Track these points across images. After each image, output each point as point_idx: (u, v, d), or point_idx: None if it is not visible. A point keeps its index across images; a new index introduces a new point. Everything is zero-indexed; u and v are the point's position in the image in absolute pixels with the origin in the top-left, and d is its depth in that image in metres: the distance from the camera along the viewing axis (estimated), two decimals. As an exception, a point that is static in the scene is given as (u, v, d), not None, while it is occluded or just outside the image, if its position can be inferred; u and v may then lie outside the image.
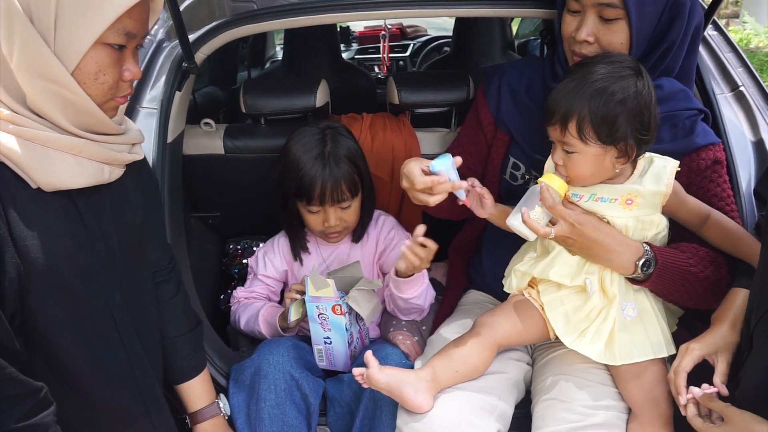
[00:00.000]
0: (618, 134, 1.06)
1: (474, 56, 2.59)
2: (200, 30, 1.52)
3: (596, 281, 1.16)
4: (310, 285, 1.36)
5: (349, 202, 1.45)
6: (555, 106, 1.08)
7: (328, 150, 1.42)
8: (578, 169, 1.10)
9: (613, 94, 1.05)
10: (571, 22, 1.22)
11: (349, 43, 4.60)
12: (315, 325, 1.40)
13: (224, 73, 2.90)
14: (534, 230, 1.10)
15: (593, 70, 1.08)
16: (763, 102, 1.53)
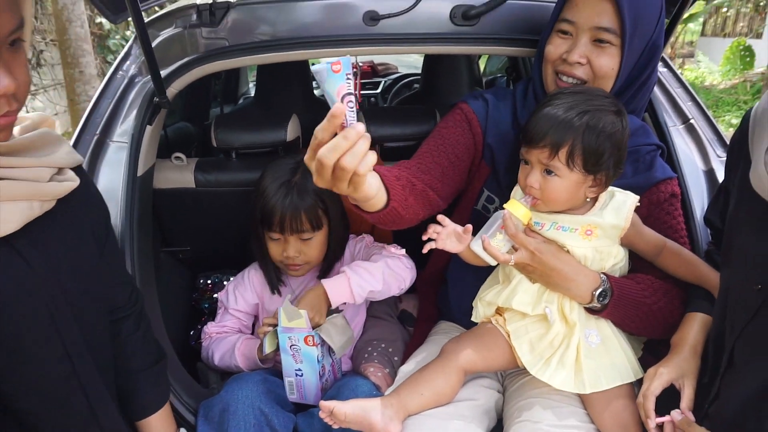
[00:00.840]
0: (601, 166, 1.11)
1: (443, 92, 2.67)
2: (172, 65, 1.54)
3: (556, 309, 1.19)
4: (283, 316, 1.35)
5: (310, 234, 1.44)
6: (546, 130, 1.10)
7: (296, 180, 1.44)
8: (555, 192, 1.13)
9: (604, 128, 1.10)
10: (561, 44, 1.24)
11: (321, 80, 4.67)
12: (287, 356, 1.39)
13: (197, 109, 2.92)
14: (494, 257, 1.13)
15: (581, 100, 1.12)
16: (712, 134, 1.62)
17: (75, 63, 4.86)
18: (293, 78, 2.39)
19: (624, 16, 1.15)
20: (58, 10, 4.70)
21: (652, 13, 1.21)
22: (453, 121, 1.38)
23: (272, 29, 1.53)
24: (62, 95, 5.62)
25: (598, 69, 1.20)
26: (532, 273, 1.17)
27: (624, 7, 1.15)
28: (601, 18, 1.18)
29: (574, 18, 1.20)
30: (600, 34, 1.19)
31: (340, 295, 1.39)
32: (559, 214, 1.19)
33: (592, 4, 1.18)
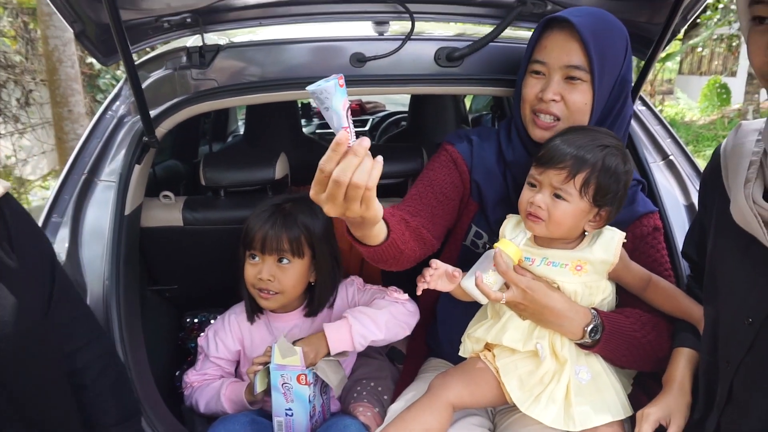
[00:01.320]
0: (609, 201, 1.15)
1: (429, 130, 2.72)
2: (162, 105, 1.56)
3: (547, 345, 1.19)
4: (277, 352, 1.33)
5: (289, 258, 1.41)
6: (567, 153, 1.13)
7: (285, 206, 1.45)
8: (561, 217, 1.14)
9: (618, 166, 1.15)
10: (536, 84, 1.28)
11: (310, 118, 4.75)
12: (278, 394, 1.36)
13: (186, 147, 2.93)
14: (486, 295, 1.13)
15: (600, 136, 1.17)
16: (691, 169, 1.67)
17: (64, 102, 4.89)
18: (282, 116, 2.42)
19: (591, 54, 1.20)
20: (48, 51, 4.76)
21: (618, 50, 1.26)
22: (439, 163, 1.41)
23: (261, 70, 1.56)
24: (50, 134, 5.62)
25: (572, 104, 1.25)
26: (524, 311, 1.17)
27: (590, 45, 1.20)
28: (570, 57, 1.23)
29: (545, 59, 1.26)
30: (570, 71, 1.23)
31: (341, 342, 1.37)
32: (549, 249, 1.20)
33: (560, 45, 1.24)
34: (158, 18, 1.45)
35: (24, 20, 5.54)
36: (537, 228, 1.17)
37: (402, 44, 1.54)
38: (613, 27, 1.26)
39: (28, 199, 5.35)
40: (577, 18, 1.22)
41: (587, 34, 1.20)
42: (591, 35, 1.20)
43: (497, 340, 1.21)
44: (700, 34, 11.27)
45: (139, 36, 1.52)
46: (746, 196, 0.87)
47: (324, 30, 1.68)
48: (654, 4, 1.44)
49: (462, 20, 1.71)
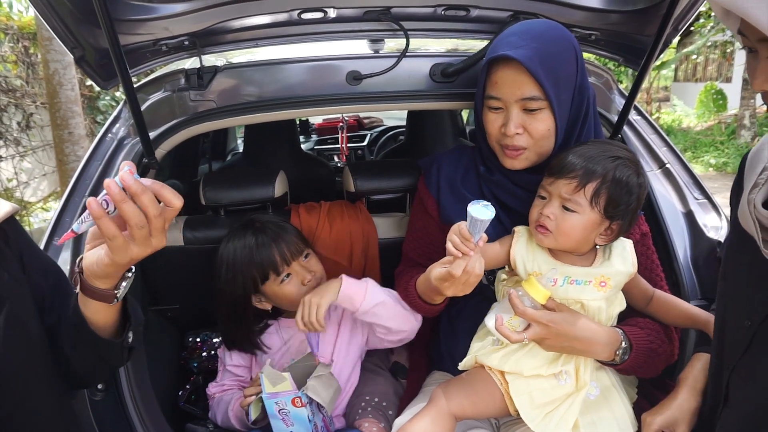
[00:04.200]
0: (620, 212, 1.13)
1: (427, 144, 2.73)
2: (161, 127, 1.58)
3: (572, 370, 1.18)
4: (266, 382, 1.33)
5: (307, 250, 1.50)
6: (578, 163, 1.12)
7: (257, 226, 1.49)
8: (570, 228, 1.13)
9: (630, 177, 1.13)
10: (496, 119, 1.28)
11: (308, 135, 4.77)
12: (277, 421, 1.36)
13: (186, 166, 2.95)
14: (507, 338, 1.12)
15: (614, 148, 1.16)
16: (688, 177, 1.68)
17: (64, 125, 4.92)
18: (281, 135, 2.44)
19: (542, 84, 1.19)
20: (49, 75, 4.80)
21: (569, 62, 1.23)
22: (417, 211, 1.53)
23: (259, 90, 1.58)
24: (51, 156, 5.66)
25: (536, 133, 1.24)
26: (549, 345, 1.15)
27: (540, 76, 1.18)
28: (523, 90, 1.21)
29: (499, 95, 1.25)
30: (527, 104, 1.22)
31: (355, 291, 1.37)
32: (570, 266, 1.18)
33: (510, 80, 1.22)
34: (156, 41, 1.47)
35: (25, 45, 5.60)
36: (546, 240, 1.16)
37: (397, 61, 1.56)
38: (559, 41, 1.23)
39: (30, 221, 5.36)
40: (521, 50, 1.18)
41: (534, 65, 1.17)
42: (539, 65, 1.18)
43: (516, 370, 1.18)
44: (694, 41, 11.36)
45: (138, 59, 1.54)
46: (749, 200, 0.88)
47: (320, 49, 1.70)
48: (646, 16, 1.46)
49: (456, 37, 1.73)
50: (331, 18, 1.53)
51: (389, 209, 1.86)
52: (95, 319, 0.92)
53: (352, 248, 1.77)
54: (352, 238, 1.77)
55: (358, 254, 1.78)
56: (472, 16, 1.56)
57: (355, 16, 1.54)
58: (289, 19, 1.52)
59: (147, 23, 1.37)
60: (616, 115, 1.68)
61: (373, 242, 1.78)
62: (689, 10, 1.41)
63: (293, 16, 1.50)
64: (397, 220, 1.82)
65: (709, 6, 4.06)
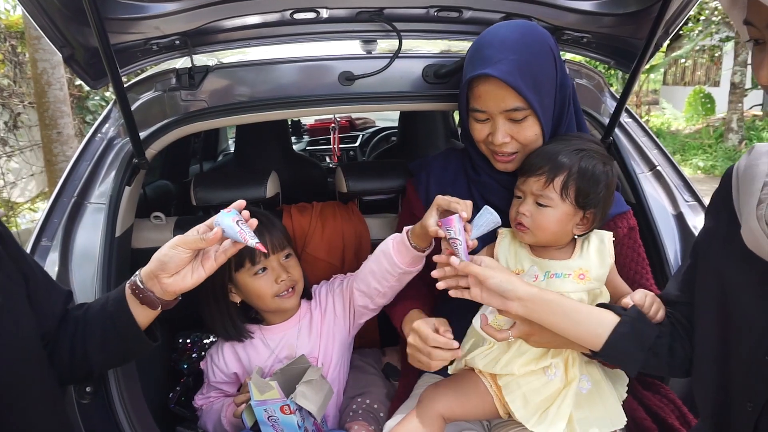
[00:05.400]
0: (591, 201, 1.17)
1: (419, 144, 2.74)
2: (152, 127, 1.57)
3: (561, 363, 1.18)
4: (254, 390, 1.32)
5: (288, 250, 1.47)
6: (543, 160, 1.18)
7: None
8: (545, 222, 1.17)
9: (596, 166, 1.17)
10: (482, 129, 1.29)
11: (300, 135, 4.76)
12: (267, 428, 1.35)
13: (176, 167, 2.93)
14: (492, 337, 1.12)
15: (578, 142, 1.20)
16: (678, 180, 1.69)
17: (53, 124, 4.87)
18: (272, 135, 2.43)
19: (524, 95, 1.20)
20: (37, 74, 4.75)
21: (547, 65, 1.24)
22: (407, 213, 1.51)
23: (251, 90, 1.57)
24: (39, 156, 5.59)
25: (524, 140, 1.26)
26: (537, 340, 1.15)
27: (521, 88, 1.19)
28: (506, 102, 1.22)
29: (483, 107, 1.26)
30: (511, 114, 1.23)
31: None
32: (549, 261, 1.20)
33: (492, 94, 1.22)
34: (147, 41, 1.46)
35: (12, 44, 5.54)
36: (525, 237, 1.20)
37: (390, 62, 1.56)
38: (535, 46, 1.22)
39: (17, 222, 5.30)
40: (499, 65, 1.18)
41: (514, 79, 1.18)
42: (519, 77, 1.18)
43: (507, 371, 1.19)
44: (683, 45, 11.47)
45: (129, 59, 1.52)
46: (758, 217, 0.84)
47: (312, 49, 1.69)
48: (637, 19, 1.47)
49: (449, 38, 1.73)
50: (323, 18, 1.52)
51: (381, 210, 1.86)
52: (143, 323, 1.08)
53: (344, 249, 1.76)
54: (344, 239, 1.77)
55: (351, 255, 1.78)
56: (464, 17, 1.56)
57: (348, 17, 1.54)
58: (282, 19, 1.52)
59: (137, 22, 1.35)
60: (608, 117, 1.69)
61: (365, 243, 1.78)
62: (680, 12, 1.42)
63: (285, 16, 1.49)
64: (390, 221, 1.81)
65: (698, 10, 4.12)
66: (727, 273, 0.94)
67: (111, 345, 1.10)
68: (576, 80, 1.69)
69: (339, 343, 1.53)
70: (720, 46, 11.92)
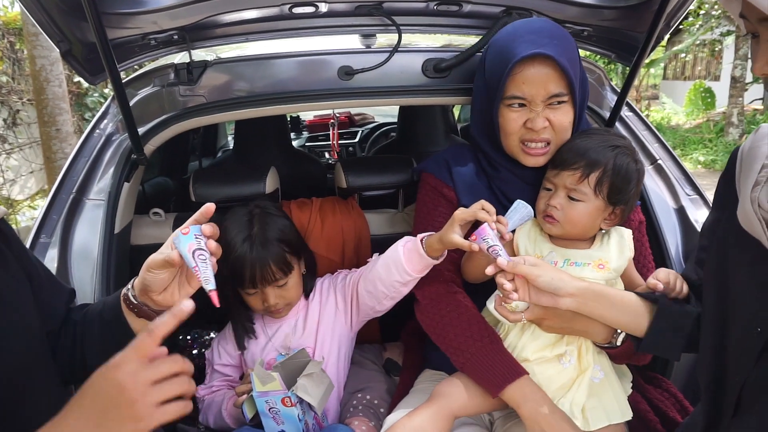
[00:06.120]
0: (622, 198, 1.18)
1: (419, 140, 2.73)
2: (150, 123, 1.56)
3: (575, 351, 1.19)
4: (256, 381, 1.32)
5: (284, 280, 1.43)
6: (581, 155, 1.18)
7: (255, 232, 1.41)
8: (576, 216, 1.18)
9: (630, 164, 1.19)
10: (518, 117, 1.26)
11: (299, 132, 4.75)
12: (267, 420, 1.35)
13: (175, 163, 2.92)
14: (505, 318, 1.14)
15: (613, 138, 1.22)
16: (679, 173, 1.68)
17: (52, 121, 4.86)
18: (271, 131, 2.42)
19: (571, 78, 1.21)
20: (35, 71, 4.74)
21: (577, 56, 1.29)
22: (431, 199, 1.42)
23: (249, 86, 1.56)
24: (38, 153, 5.59)
25: (559, 125, 1.25)
26: (549, 324, 1.15)
27: (568, 70, 1.20)
28: (550, 87, 1.22)
29: (524, 94, 1.24)
30: (552, 100, 1.24)
31: None
32: (570, 249, 1.21)
33: (538, 79, 1.22)
34: (145, 36, 1.45)
35: (10, 40, 5.53)
36: (554, 229, 1.21)
37: (389, 56, 1.55)
38: (567, 38, 1.27)
39: (17, 219, 5.30)
40: (548, 48, 1.20)
41: (564, 61, 1.20)
42: (567, 62, 1.21)
43: (521, 356, 1.20)
44: (683, 40, 11.45)
45: (126, 54, 1.52)
46: (752, 199, 0.85)
47: (311, 44, 1.68)
48: (638, 12, 1.46)
49: (448, 32, 1.72)
50: (322, 12, 1.51)
51: (381, 205, 1.85)
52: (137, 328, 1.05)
53: (344, 245, 1.76)
54: (344, 235, 1.76)
55: (351, 251, 1.77)
56: (464, 11, 1.55)
57: (347, 11, 1.53)
58: (280, 13, 1.50)
59: (135, 17, 1.34)
60: (608, 111, 1.68)
61: (365, 239, 1.77)
62: (681, 5, 1.41)
63: (284, 10, 1.48)
64: (389, 217, 1.81)
65: (698, 4, 4.11)
66: (727, 251, 0.96)
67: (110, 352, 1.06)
68: (576, 74, 1.68)
69: (338, 337, 1.53)
70: (720, 40, 11.89)
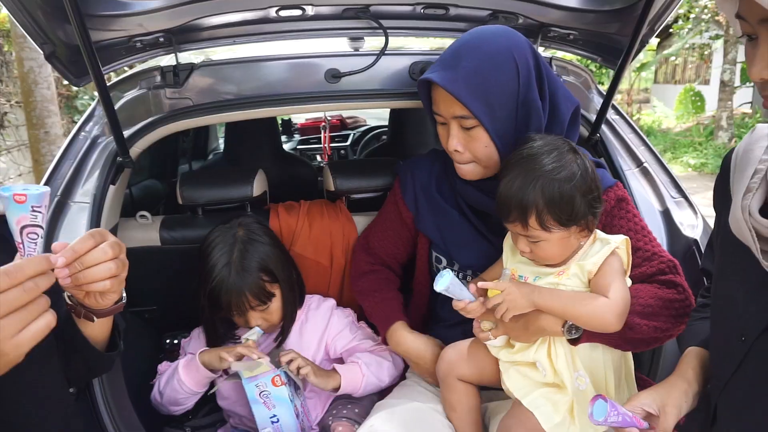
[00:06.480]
0: (576, 216, 1.11)
1: (410, 143, 2.74)
2: (136, 125, 1.55)
3: (544, 358, 1.18)
4: (244, 370, 1.33)
5: (262, 307, 1.43)
6: (509, 204, 1.11)
7: (234, 259, 1.40)
8: (546, 253, 1.15)
9: (562, 180, 1.09)
10: (442, 133, 1.30)
11: (291, 134, 4.74)
12: (258, 406, 1.35)
13: (165, 166, 2.91)
14: (478, 337, 1.21)
15: (536, 162, 1.12)
16: (665, 176, 1.69)
17: (40, 124, 4.83)
18: (261, 133, 2.42)
19: (466, 104, 1.19)
20: (24, 73, 4.71)
21: (504, 78, 1.21)
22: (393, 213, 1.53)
23: (236, 88, 1.56)
24: (26, 156, 5.55)
25: (474, 150, 1.26)
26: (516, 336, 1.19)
27: (463, 98, 1.18)
28: (454, 109, 1.23)
29: (439, 111, 1.27)
30: (461, 121, 1.24)
31: (352, 385, 1.43)
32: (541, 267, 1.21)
33: (442, 99, 1.25)
34: (130, 38, 1.45)
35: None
36: (536, 263, 1.20)
37: (376, 59, 1.55)
38: (495, 56, 1.21)
39: (5, 222, 5.24)
40: (448, 72, 1.20)
41: (457, 87, 1.18)
42: (464, 86, 1.18)
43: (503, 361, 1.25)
44: (673, 43, 11.55)
45: (112, 56, 1.51)
46: (743, 207, 0.82)
47: (298, 47, 1.68)
48: (622, 16, 1.47)
49: (436, 35, 1.73)
50: (309, 15, 1.51)
51: (369, 208, 1.85)
52: (93, 334, 0.99)
53: (332, 248, 1.76)
54: (332, 238, 1.76)
55: (339, 254, 1.77)
56: (451, 14, 1.55)
57: (334, 14, 1.53)
58: (267, 16, 1.51)
59: (120, 19, 1.34)
60: (595, 114, 1.69)
61: (353, 241, 1.77)
62: (665, 10, 1.42)
63: (271, 13, 1.48)
64: (378, 220, 1.81)
65: (687, 8, 4.12)
66: (721, 257, 0.94)
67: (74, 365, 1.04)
68: (562, 77, 1.69)
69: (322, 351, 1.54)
70: (710, 44, 12.00)
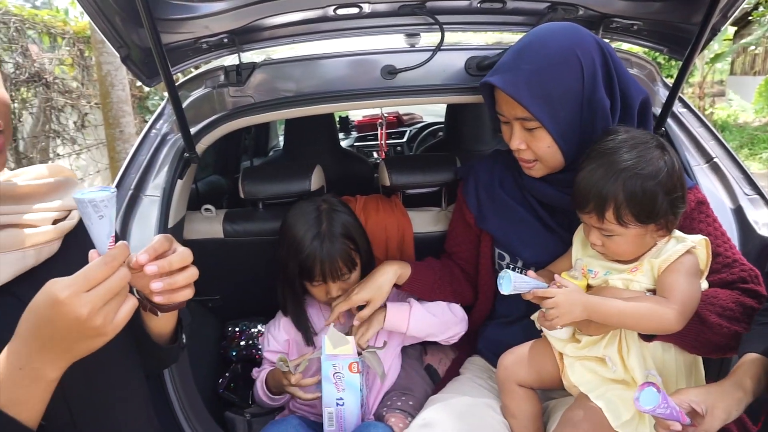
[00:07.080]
0: (655, 215, 1.08)
1: (466, 139, 2.72)
2: (201, 123, 1.63)
3: (615, 354, 1.17)
4: (328, 343, 1.36)
5: (348, 275, 1.48)
6: (587, 194, 1.09)
7: (324, 229, 1.46)
8: (617, 248, 1.13)
9: (646, 176, 1.06)
10: (506, 131, 1.31)
11: (348, 132, 4.81)
12: (329, 385, 1.38)
13: (228, 163, 3.02)
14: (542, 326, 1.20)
15: (619, 156, 1.09)
16: (738, 172, 1.60)
17: (116, 123, 5.13)
18: (319, 130, 2.47)
19: (527, 106, 1.18)
20: (102, 76, 5.01)
21: (566, 79, 1.19)
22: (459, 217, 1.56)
23: (296, 86, 1.61)
24: (104, 153, 5.90)
25: (537, 150, 1.26)
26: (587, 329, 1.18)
27: (523, 100, 1.18)
28: (515, 110, 1.23)
29: (502, 111, 1.28)
30: (524, 123, 1.24)
31: (399, 320, 1.44)
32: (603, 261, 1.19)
33: (504, 100, 1.25)
34: (197, 40, 1.52)
35: (80, 48, 5.86)
36: (607, 257, 1.18)
37: (432, 55, 1.55)
38: (557, 56, 1.19)
39: (84, 216, 5.59)
40: (507, 74, 1.20)
41: (517, 90, 1.18)
42: (525, 88, 1.18)
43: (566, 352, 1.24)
44: (753, 32, 10.80)
45: (180, 57, 1.59)
46: None
47: (355, 44, 1.71)
48: (690, 3, 1.40)
49: (493, 29, 1.71)
50: (366, 13, 1.54)
51: (425, 203, 1.86)
52: (158, 328, 1.01)
53: (387, 242, 1.78)
54: (387, 233, 1.78)
55: (393, 248, 1.79)
56: (508, 8, 1.54)
57: (390, 11, 1.55)
58: (325, 15, 1.54)
59: (188, 22, 1.41)
60: (659, 107, 1.62)
61: (408, 237, 1.79)
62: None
63: (329, 12, 1.51)
64: (433, 215, 1.81)
65: (769, -7, 3.72)
66: None
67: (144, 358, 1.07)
68: (626, 70, 1.63)
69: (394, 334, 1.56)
70: (794, 32, 11.13)
